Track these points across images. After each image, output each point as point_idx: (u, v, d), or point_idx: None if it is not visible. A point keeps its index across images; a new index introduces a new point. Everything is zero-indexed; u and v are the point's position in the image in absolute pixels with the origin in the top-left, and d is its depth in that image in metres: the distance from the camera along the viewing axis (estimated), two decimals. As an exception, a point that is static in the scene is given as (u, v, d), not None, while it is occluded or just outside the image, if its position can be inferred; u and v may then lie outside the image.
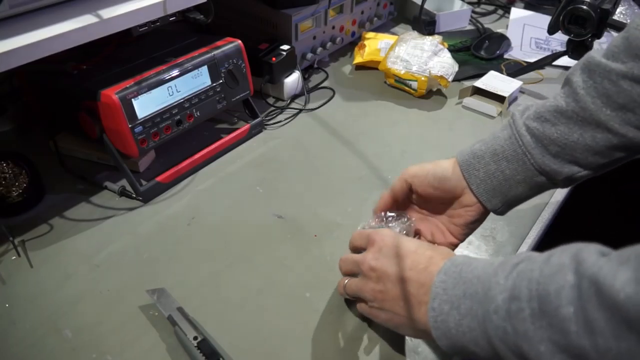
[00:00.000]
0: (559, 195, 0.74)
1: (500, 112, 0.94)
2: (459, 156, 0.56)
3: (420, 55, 0.97)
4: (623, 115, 0.48)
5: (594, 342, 0.30)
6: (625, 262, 0.31)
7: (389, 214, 0.58)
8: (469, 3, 1.30)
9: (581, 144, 0.50)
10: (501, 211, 0.56)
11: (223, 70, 0.79)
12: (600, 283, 0.30)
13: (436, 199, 0.57)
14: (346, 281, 0.53)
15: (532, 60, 1.07)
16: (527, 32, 1.21)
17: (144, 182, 0.74)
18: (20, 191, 0.69)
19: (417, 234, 0.59)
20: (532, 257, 0.37)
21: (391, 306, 0.47)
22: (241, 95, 0.84)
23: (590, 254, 0.33)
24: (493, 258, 0.41)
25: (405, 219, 0.57)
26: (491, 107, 0.94)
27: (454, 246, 0.58)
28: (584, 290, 0.31)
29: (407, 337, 0.55)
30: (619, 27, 0.98)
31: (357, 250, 0.54)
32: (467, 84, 1.01)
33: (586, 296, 0.31)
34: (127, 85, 0.68)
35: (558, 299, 0.32)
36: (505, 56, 1.13)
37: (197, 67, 0.75)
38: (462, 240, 0.58)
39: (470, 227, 0.57)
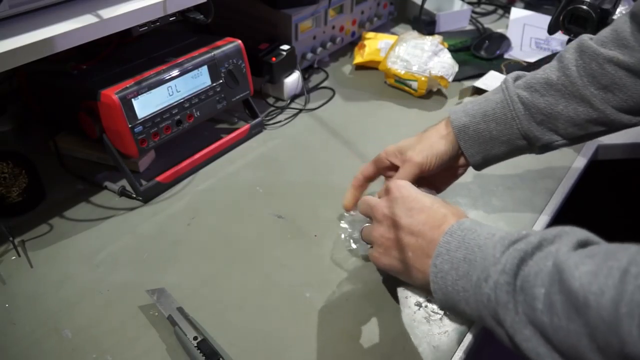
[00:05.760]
0: (559, 195, 0.74)
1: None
2: (452, 115, 0.62)
3: (420, 55, 0.97)
4: (604, 95, 0.56)
5: (551, 320, 0.36)
6: (591, 256, 0.35)
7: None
8: (469, 3, 1.30)
9: (564, 115, 0.58)
10: (479, 166, 0.63)
11: (223, 70, 0.79)
12: (564, 271, 0.35)
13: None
14: (365, 225, 0.57)
15: (532, 60, 1.07)
16: (527, 32, 1.21)
17: (144, 182, 0.74)
18: (20, 191, 0.69)
19: None
20: (528, 238, 0.41)
21: (397, 254, 0.51)
22: (241, 95, 0.84)
23: (565, 245, 0.38)
24: (496, 229, 0.45)
25: None
26: (491, 107, 0.94)
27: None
28: (553, 275, 0.36)
29: (409, 337, 0.55)
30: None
31: (366, 215, 0.57)
32: (467, 84, 1.01)
33: (553, 281, 0.36)
34: (127, 85, 0.68)
35: (535, 279, 0.38)
36: (505, 56, 1.13)
37: (197, 67, 0.75)
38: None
39: (453, 180, 0.66)
